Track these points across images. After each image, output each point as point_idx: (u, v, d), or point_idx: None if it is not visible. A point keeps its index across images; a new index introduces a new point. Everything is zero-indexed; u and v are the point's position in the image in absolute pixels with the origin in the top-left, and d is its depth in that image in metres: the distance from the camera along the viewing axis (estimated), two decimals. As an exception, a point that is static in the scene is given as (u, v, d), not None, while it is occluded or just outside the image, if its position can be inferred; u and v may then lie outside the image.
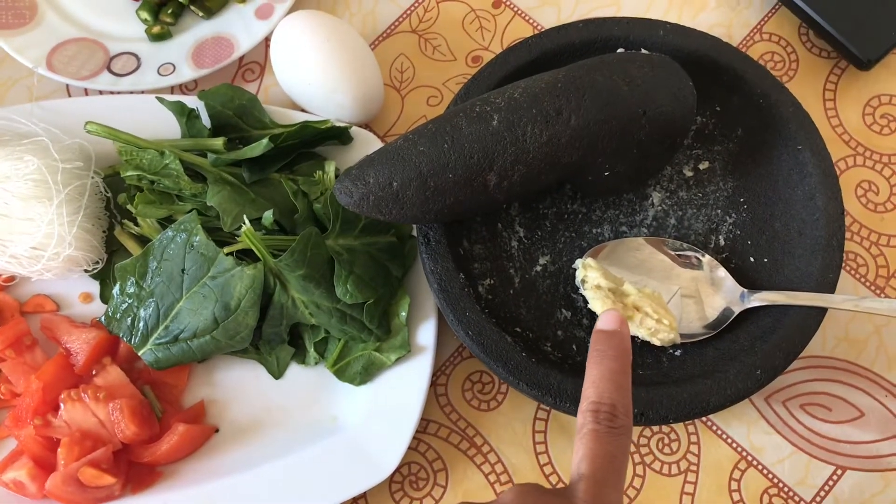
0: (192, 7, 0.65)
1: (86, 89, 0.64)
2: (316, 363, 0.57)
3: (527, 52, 0.58)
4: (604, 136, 0.50)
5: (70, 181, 0.54)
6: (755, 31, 0.65)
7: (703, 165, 0.58)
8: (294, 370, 0.57)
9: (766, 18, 0.66)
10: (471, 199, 0.50)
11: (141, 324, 0.54)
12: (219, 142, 0.57)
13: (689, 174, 0.58)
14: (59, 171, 0.53)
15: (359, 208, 0.49)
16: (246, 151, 0.55)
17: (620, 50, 0.56)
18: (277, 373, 0.57)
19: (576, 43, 0.58)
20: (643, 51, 0.54)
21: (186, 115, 0.58)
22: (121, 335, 0.55)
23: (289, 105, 0.63)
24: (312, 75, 0.58)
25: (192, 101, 0.59)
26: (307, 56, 0.58)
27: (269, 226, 0.54)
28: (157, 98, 0.58)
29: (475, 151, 0.48)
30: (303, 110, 0.62)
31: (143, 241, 0.57)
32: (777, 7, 0.66)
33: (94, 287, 0.59)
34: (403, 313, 0.55)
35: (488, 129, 0.48)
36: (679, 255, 0.54)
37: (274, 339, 0.56)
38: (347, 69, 0.58)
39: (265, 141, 0.55)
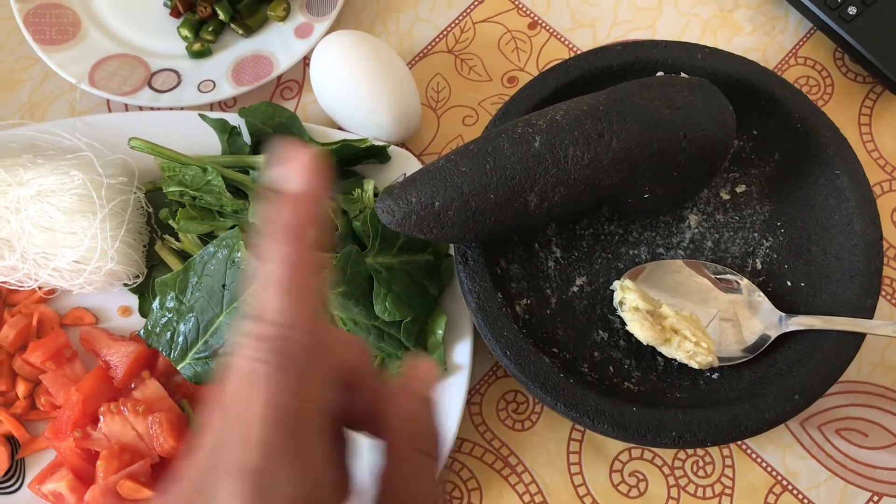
0: (232, 25, 0.66)
1: (126, 105, 0.65)
2: (352, 380, 0.57)
3: (565, 74, 0.58)
4: (644, 159, 0.50)
5: (114, 196, 0.55)
6: (790, 55, 0.66)
7: (740, 188, 0.58)
8: (329, 386, 0.57)
9: (801, 43, 0.66)
10: (511, 219, 0.50)
11: (180, 338, 0.55)
12: (260, 159, 0.57)
13: (726, 197, 0.58)
14: (104, 186, 0.54)
15: (400, 227, 0.50)
16: (287, 169, 0.56)
17: (660, 73, 0.56)
18: (313, 389, 0.57)
19: (614, 65, 0.58)
20: (682, 74, 0.55)
21: (228, 133, 0.59)
22: (160, 349, 0.55)
23: (327, 123, 0.64)
24: (352, 95, 0.59)
25: (232, 118, 0.60)
26: (347, 76, 0.59)
27: (310, 243, 0.54)
28: (199, 115, 0.59)
29: (517, 172, 0.49)
30: (341, 128, 0.62)
31: (183, 256, 0.58)
32: (812, 32, 0.66)
33: (133, 301, 0.59)
34: (440, 332, 0.55)
35: (530, 151, 0.49)
36: (719, 279, 0.54)
37: (311, 355, 0.56)
38: (387, 89, 0.59)
39: (306, 159, 0.55)
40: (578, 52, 0.67)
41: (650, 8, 0.68)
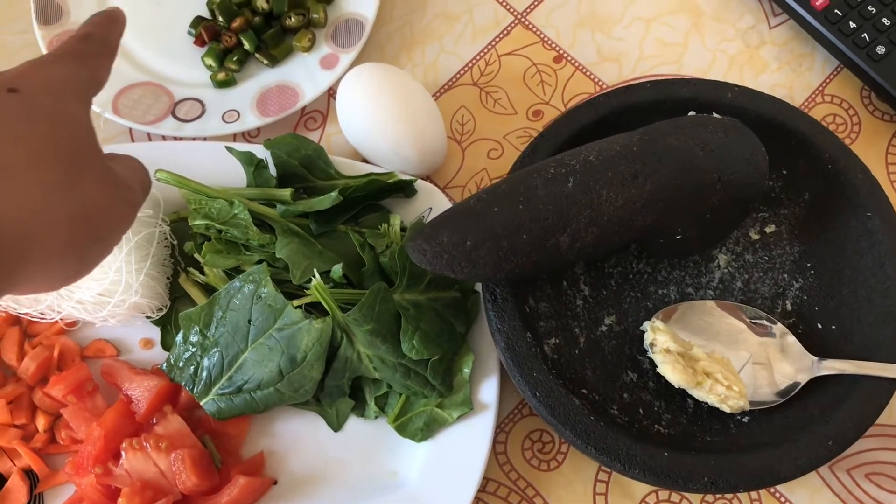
0: (256, 55, 0.65)
1: (149, 134, 0.65)
2: (376, 417, 0.56)
3: (594, 111, 0.58)
4: (678, 201, 0.49)
5: (140, 229, 0.54)
6: (817, 92, 0.65)
7: (770, 229, 0.58)
8: (353, 423, 0.57)
9: (827, 80, 0.66)
10: (542, 259, 0.50)
11: (204, 373, 0.54)
12: (286, 192, 0.57)
13: (756, 237, 0.58)
14: (130, 218, 0.54)
15: (431, 267, 0.49)
16: (314, 204, 0.56)
17: (691, 113, 0.56)
18: (337, 425, 0.56)
19: (644, 103, 0.58)
20: (714, 115, 0.54)
21: (255, 166, 0.58)
22: (183, 384, 0.55)
23: (352, 154, 0.63)
24: (379, 128, 0.59)
25: (258, 150, 0.60)
26: (374, 109, 0.58)
27: (338, 279, 0.54)
28: (226, 147, 0.58)
29: (550, 213, 0.48)
30: (366, 161, 0.62)
31: (207, 288, 0.57)
32: (839, 69, 0.66)
33: (155, 332, 0.59)
34: (467, 370, 0.55)
35: (563, 192, 0.48)
36: (755, 323, 0.53)
37: (335, 391, 0.55)
38: (414, 124, 0.58)
39: (334, 194, 0.55)
40: (604, 87, 0.67)
41: (676, 43, 0.67)
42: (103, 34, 0.41)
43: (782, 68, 0.66)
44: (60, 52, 0.38)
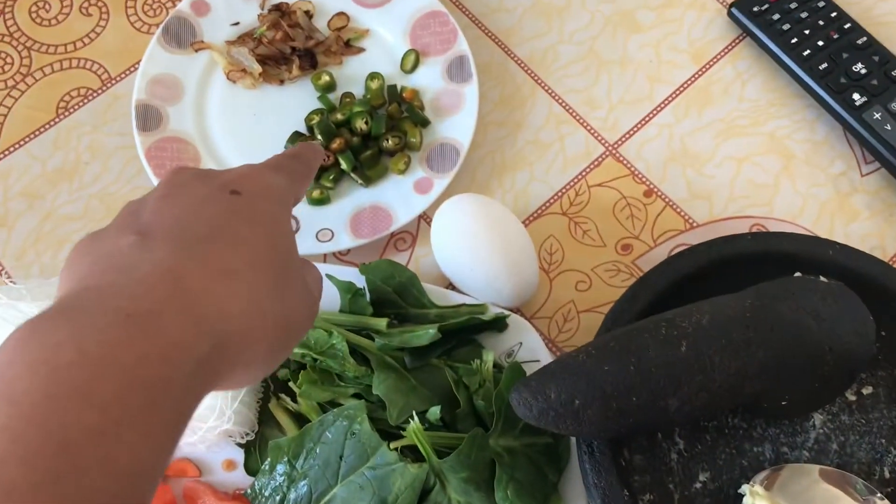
0: (352, 174, 0.66)
1: (242, 247, 0.65)
2: (460, 560, 0.55)
3: (694, 261, 0.58)
4: (789, 371, 0.49)
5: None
6: (909, 245, 0.65)
7: (867, 391, 0.57)
8: (435, 564, 0.56)
9: (920, 233, 0.66)
10: (648, 420, 0.49)
11: (291, 506, 0.53)
12: (382, 322, 0.57)
13: (852, 398, 0.57)
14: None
15: (537, 422, 0.49)
16: (412, 339, 0.55)
17: (797, 273, 0.56)
18: (419, 567, 0.55)
19: (745, 255, 0.58)
20: (821, 278, 0.54)
21: (352, 293, 0.58)
22: (268, 514, 0.54)
23: (439, 277, 0.64)
24: (475, 261, 0.59)
25: (352, 274, 0.60)
26: (471, 242, 0.59)
27: (434, 421, 0.53)
28: (327, 276, 0.59)
29: (661, 376, 0.48)
30: (456, 288, 0.62)
31: (296, 416, 0.57)
32: (932, 222, 0.66)
33: (238, 454, 0.58)
34: (557, 520, 0.54)
35: (676, 355, 0.48)
36: (865, 500, 0.52)
37: (420, 532, 0.54)
38: (509, 258, 0.59)
39: (433, 331, 0.55)
40: (695, 225, 0.67)
41: (767, 185, 0.68)
42: (309, 158, 0.43)
43: (874, 217, 0.66)
44: (273, 163, 0.40)
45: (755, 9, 0.71)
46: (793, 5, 0.71)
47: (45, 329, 0.27)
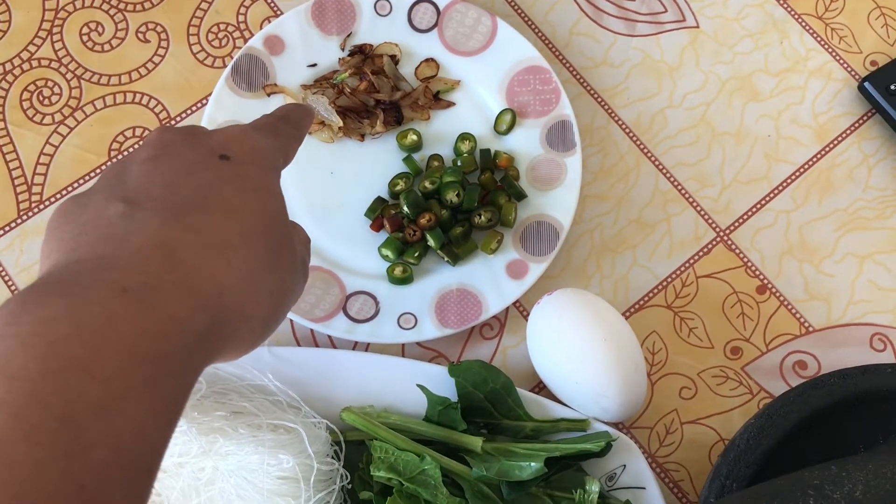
0: (439, 252, 0.59)
1: (312, 331, 0.59)
2: None
3: (827, 394, 0.52)
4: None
5: (322, 485, 0.48)
6: None
7: None
8: None
9: None
10: None
11: None
12: (477, 443, 0.51)
13: None
14: (314, 471, 0.48)
15: None
16: (513, 471, 0.50)
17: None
18: None
19: (884, 391, 0.52)
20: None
21: (444, 405, 0.52)
22: None
23: (530, 374, 0.58)
24: (582, 375, 0.53)
25: (439, 374, 0.54)
26: (578, 352, 0.52)
27: (538, 570, 0.48)
28: (418, 386, 0.52)
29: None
30: (552, 394, 0.56)
31: (379, 542, 0.51)
32: None
33: (309, 572, 0.53)
34: None
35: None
36: None
37: None
38: (621, 374, 0.52)
39: (538, 466, 0.49)
40: (810, 329, 0.61)
41: (891, 289, 0.62)
42: (298, 119, 0.42)
43: None
44: (260, 124, 0.39)
45: (893, 86, 0.63)
46: (934, 85, 0.63)
47: (37, 302, 0.26)
